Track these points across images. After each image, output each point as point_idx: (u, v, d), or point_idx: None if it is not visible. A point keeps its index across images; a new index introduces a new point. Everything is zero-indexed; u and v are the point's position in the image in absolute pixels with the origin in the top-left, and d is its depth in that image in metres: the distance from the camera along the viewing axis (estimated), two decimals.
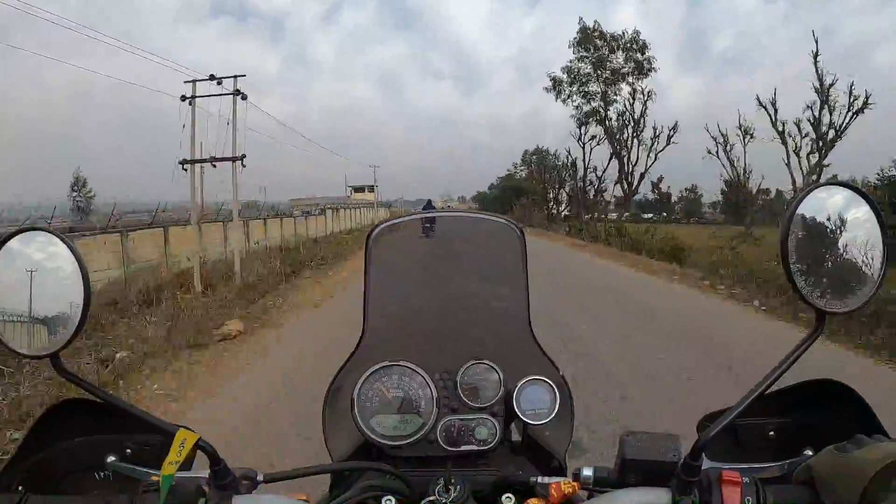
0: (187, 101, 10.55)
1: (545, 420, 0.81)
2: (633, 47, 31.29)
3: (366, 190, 51.24)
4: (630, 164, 31.29)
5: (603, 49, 31.70)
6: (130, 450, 0.75)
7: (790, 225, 0.56)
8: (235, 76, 10.66)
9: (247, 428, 3.61)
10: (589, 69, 32.33)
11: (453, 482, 0.68)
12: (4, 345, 0.60)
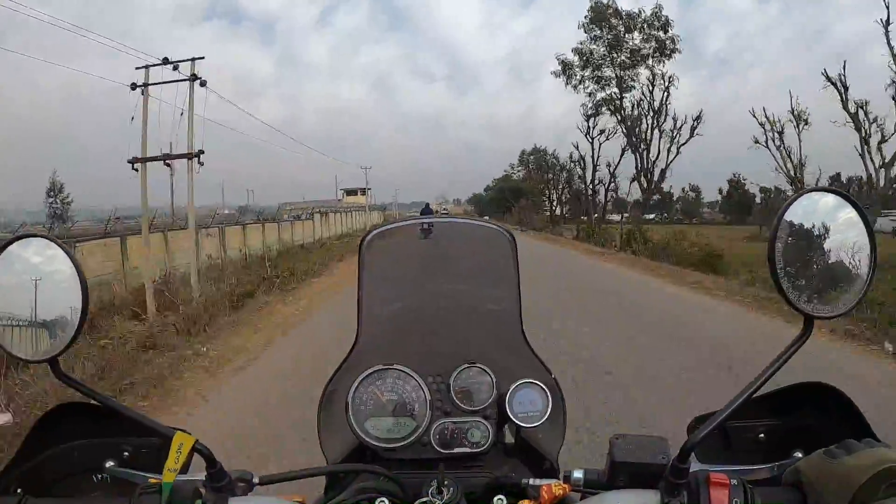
0: (139, 90, 8.85)
1: (537, 423, 0.82)
2: (655, 24, 27.19)
3: (358, 193, 49.14)
4: (648, 159, 27.30)
5: (619, 27, 27.60)
6: (128, 453, 0.76)
7: (778, 230, 0.57)
8: (193, 59, 8.97)
9: None
10: (603, 50, 28.20)
11: (446, 484, 0.69)
12: (4, 349, 0.61)
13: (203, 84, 9.18)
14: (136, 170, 9.21)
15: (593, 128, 30.61)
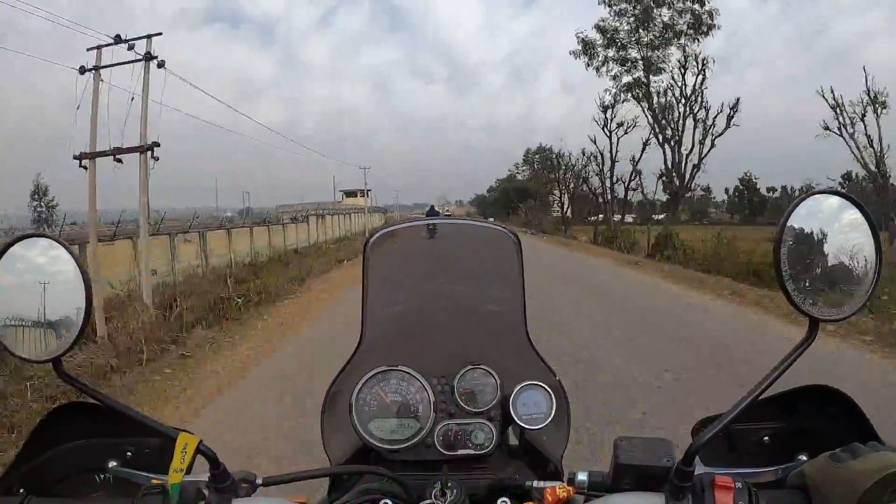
0: (91, 74, 7.43)
1: (541, 425, 0.82)
2: None
3: (358, 194, 47.71)
4: (679, 153, 23.24)
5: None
6: (130, 453, 0.76)
7: (783, 233, 0.58)
8: (149, 35, 7.48)
9: None
10: (630, 26, 23.92)
11: (450, 486, 0.69)
12: (7, 349, 0.62)
13: (161, 65, 7.68)
14: (85, 167, 7.70)
15: (611, 120, 27.18)
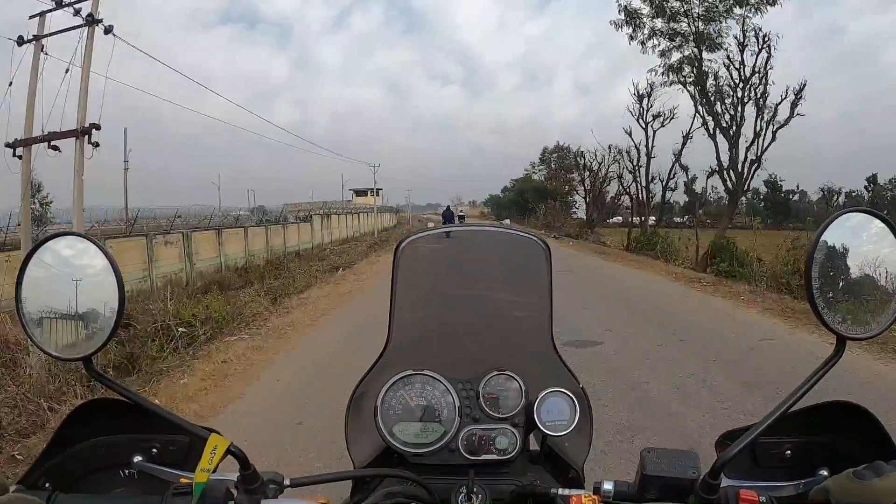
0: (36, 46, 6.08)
1: (565, 432, 0.83)
2: None
3: (369, 193, 46.18)
4: (738, 147, 19.10)
5: None
6: (156, 449, 0.77)
7: (815, 250, 0.59)
8: None
9: None
10: None
11: (476, 491, 0.70)
12: (39, 347, 0.63)
13: (108, 31, 6.17)
14: (19, 157, 6.24)
15: (647, 110, 23.98)
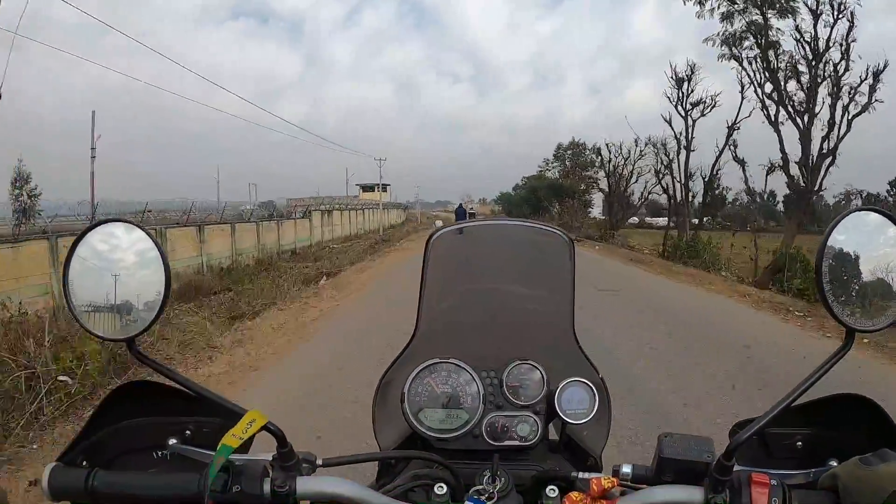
0: None
1: (584, 420, 0.87)
2: None
3: (376, 189, 44.36)
4: (809, 137, 15.96)
5: None
6: (189, 431, 0.80)
7: (825, 247, 0.63)
8: None
9: None
10: None
11: (499, 474, 0.75)
12: (85, 328, 0.67)
13: None
14: None
15: (686, 96, 20.89)
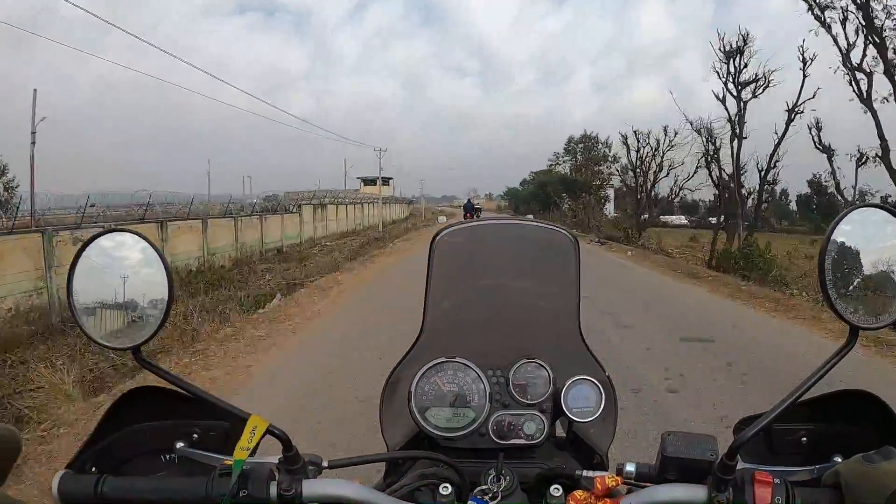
0: None
1: (591, 418, 0.88)
2: None
3: (378, 182, 42.56)
4: None
5: None
6: (196, 435, 0.82)
7: (829, 243, 0.63)
8: None
9: None
10: None
11: (504, 473, 0.76)
12: (89, 337, 0.68)
13: None
14: None
15: (738, 72, 17.62)
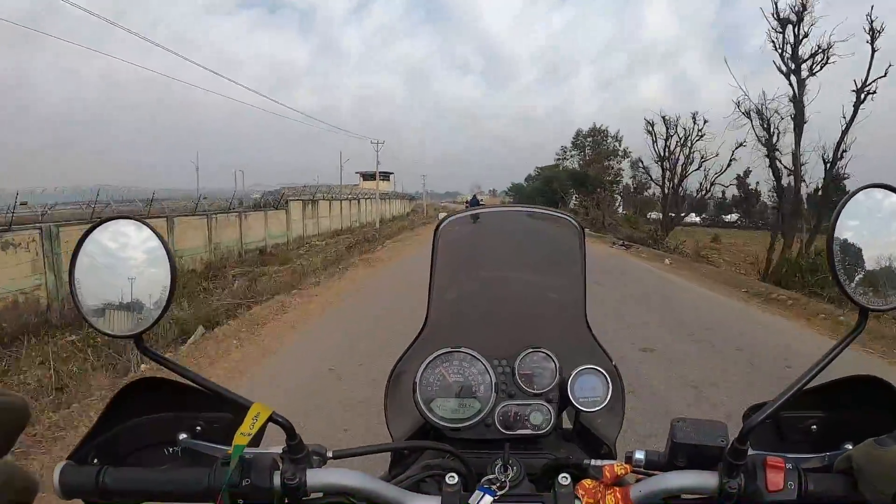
0: None
1: (598, 408, 0.88)
2: None
3: (378, 177, 40.76)
4: None
5: None
6: (200, 427, 0.82)
7: (836, 225, 0.62)
8: None
9: None
10: None
11: (511, 463, 0.75)
12: (91, 325, 0.68)
13: None
14: None
15: (797, 42, 14.04)
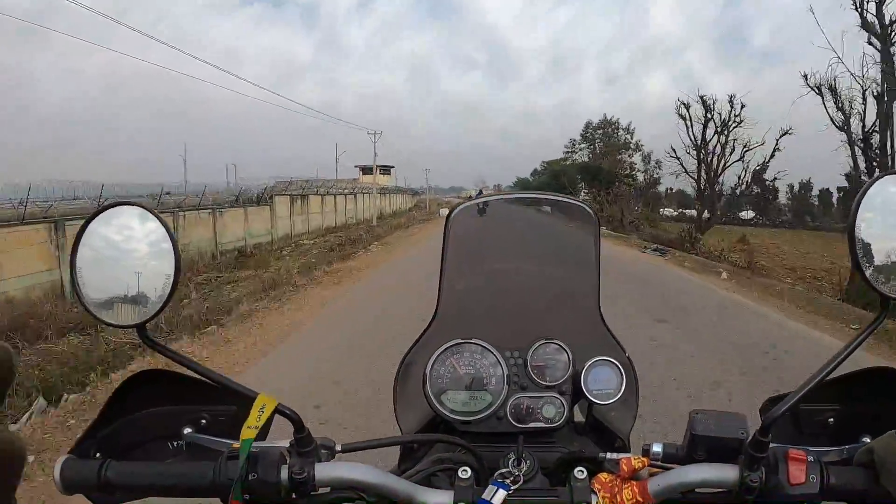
0: None
1: (611, 400, 0.87)
2: None
3: (378, 171, 38.85)
4: None
5: None
6: (205, 420, 0.80)
7: (857, 213, 0.62)
8: None
9: None
10: None
11: (524, 457, 0.75)
12: (93, 315, 0.66)
13: None
14: None
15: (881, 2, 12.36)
